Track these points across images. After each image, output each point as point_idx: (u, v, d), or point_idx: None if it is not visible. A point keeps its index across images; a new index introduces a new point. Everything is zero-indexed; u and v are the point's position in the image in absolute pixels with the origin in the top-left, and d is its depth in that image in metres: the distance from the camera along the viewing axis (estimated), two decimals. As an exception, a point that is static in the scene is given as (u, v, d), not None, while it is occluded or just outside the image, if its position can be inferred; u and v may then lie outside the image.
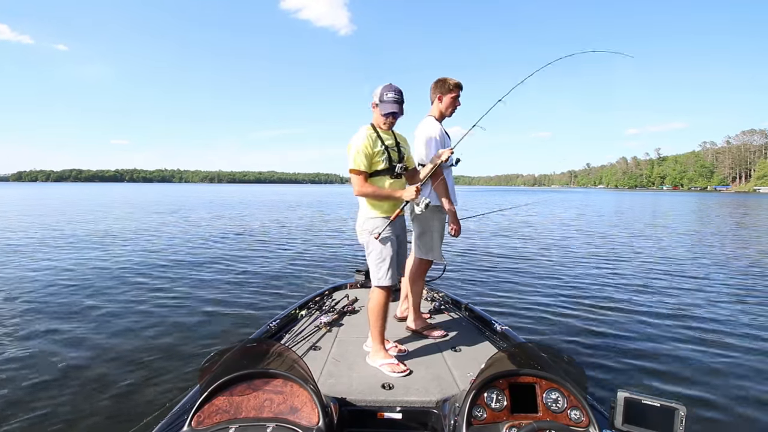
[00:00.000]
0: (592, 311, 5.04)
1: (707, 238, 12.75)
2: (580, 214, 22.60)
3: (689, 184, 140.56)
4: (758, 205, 36.15)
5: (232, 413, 1.42)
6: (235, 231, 13.04)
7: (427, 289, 3.83)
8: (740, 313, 5.02)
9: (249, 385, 1.48)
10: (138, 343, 3.88)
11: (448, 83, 2.76)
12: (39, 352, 3.64)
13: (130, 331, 4.20)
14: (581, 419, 1.45)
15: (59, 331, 4.13)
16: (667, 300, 5.59)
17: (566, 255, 9.24)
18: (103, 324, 4.37)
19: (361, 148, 2.27)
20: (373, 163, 2.32)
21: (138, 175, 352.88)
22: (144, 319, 4.54)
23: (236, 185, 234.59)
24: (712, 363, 3.63)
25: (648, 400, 1.32)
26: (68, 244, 9.68)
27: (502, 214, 18.77)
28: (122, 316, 4.62)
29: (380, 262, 2.35)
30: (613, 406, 1.36)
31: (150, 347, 3.79)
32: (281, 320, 2.93)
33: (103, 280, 6.32)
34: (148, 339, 3.99)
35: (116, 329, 4.23)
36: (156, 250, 9.07)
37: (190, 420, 1.38)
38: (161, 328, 4.29)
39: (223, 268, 7.29)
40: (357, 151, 2.27)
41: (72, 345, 3.81)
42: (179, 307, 5.03)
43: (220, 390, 1.45)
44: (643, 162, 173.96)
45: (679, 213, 24.58)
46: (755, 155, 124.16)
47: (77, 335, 4.04)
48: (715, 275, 7.25)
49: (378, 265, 2.35)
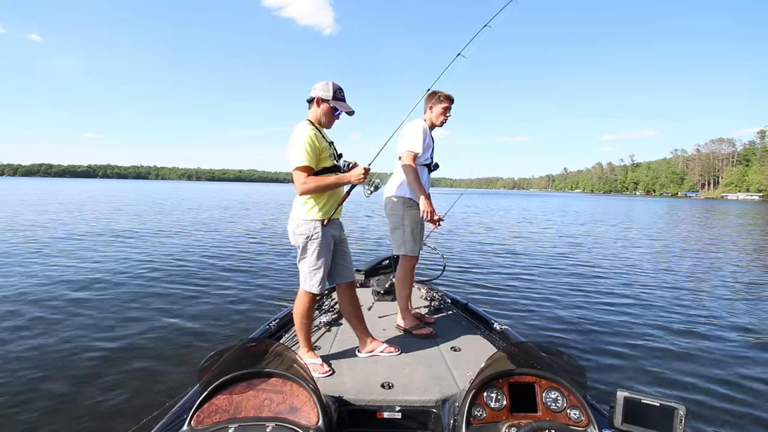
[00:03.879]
0: (592, 311, 5.13)
1: (705, 241, 13.16)
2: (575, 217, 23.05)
3: (661, 190, 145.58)
4: (727, 210, 37.66)
5: (231, 413, 1.40)
6: (232, 230, 12.80)
7: (426, 289, 3.85)
8: (740, 314, 5.16)
9: (248, 384, 1.47)
10: (137, 343, 3.81)
11: (439, 95, 2.83)
12: (39, 352, 3.56)
13: (129, 331, 4.11)
14: (581, 419, 1.46)
15: (58, 331, 4.02)
16: (667, 300, 5.75)
17: (566, 255, 9.43)
18: (103, 324, 4.27)
19: (309, 142, 2.12)
20: (320, 159, 2.19)
21: (112, 171, 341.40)
22: (143, 320, 4.44)
23: (217, 183, 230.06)
24: (712, 363, 3.71)
25: (647, 399, 1.33)
26: (67, 241, 9.30)
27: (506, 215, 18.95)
28: (121, 316, 4.52)
29: (314, 269, 2.25)
30: (612, 405, 1.38)
31: (149, 347, 3.73)
32: (281, 320, 2.90)
33: (101, 279, 6.14)
34: (147, 339, 3.92)
35: (115, 329, 4.14)
36: (155, 250, 8.83)
37: (190, 419, 1.37)
38: (160, 328, 4.22)
39: (223, 268, 7.18)
40: (305, 147, 2.11)
41: (71, 345, 3.73)
42: (178, 307, 4.94)
43: (219, 389, 1.44)
44: (618, 168, 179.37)
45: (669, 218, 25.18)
46: (723, 163, 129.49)
47: (77, 335, 3.95)
48: (714, 276, 7.50)
49: (311, 272, 2.25)
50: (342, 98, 2.29)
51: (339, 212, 2.39)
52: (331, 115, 2.30)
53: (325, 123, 2.31)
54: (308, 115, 2.32)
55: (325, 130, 2.36)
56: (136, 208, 20.58)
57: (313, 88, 2.29)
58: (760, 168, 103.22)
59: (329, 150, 2.26)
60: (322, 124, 2.31)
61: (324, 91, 2.25)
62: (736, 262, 9.30)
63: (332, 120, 2.32)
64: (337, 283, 2.46)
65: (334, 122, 2.34)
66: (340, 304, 2.53)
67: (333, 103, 2.25)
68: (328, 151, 2.25)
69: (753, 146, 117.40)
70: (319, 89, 2.27)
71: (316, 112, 2.29)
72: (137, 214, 17.18)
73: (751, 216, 29.72)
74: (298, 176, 2.14)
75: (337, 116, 2.32)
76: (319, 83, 2.29)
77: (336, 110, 2.28)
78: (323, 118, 2.29)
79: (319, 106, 2.27)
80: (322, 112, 2.27)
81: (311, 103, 2.30)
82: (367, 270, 4.16)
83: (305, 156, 2.12)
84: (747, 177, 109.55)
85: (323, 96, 2.25)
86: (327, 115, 2.28)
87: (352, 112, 2.32)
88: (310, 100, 2.30)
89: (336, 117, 2.32)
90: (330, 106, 2.26)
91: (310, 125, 2.22)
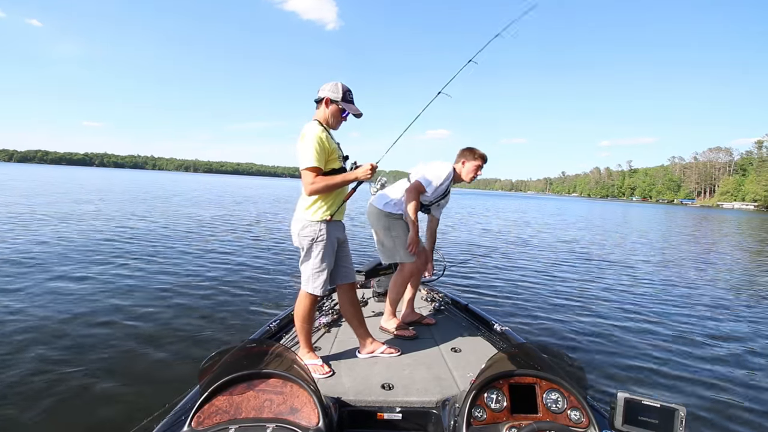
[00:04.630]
0: (592, 312, 5.16)
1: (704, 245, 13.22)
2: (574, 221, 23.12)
3: (657, 196, 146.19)
4: (722, 219, 37.91)
5: (231, 414, 1.40)
6: (233, 229, 12.71)
7: (427, 290, 3.86)
8: (740, 315, 5.21)
9: (249, 385, 1.46)
10: (137, 344, 3.77)
11: (475, 153, 2.84)
12: (38, 353, 3.50)
13: (129, 331, 4.06)
14: (581, 420, 1.47)
15: (57, 332, 3.96)
16: (667, 301, 5.79)
17: (565, 256, 9.49)
18: (102, 324, 4.21)
19: (320, 143, 2.12)
20: (329, 161, 2.18)
21: (109, 159, 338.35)
22: (143, 320, 4.39)
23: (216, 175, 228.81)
24: (712, 364, 3.73)
25: (648, 400, 1.34)
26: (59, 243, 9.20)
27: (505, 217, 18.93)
28: (120, 316, 4.46)
29: (317, 272, 2.24)
30: (612, 406, 1.38)
31: (149, 347, 3.70)
32: (281, 320, 2.90)
33: (100, 279, 6.04)
34: (147, 339, 3.89)
35: (115, 329, 4.09)
36: (154, 250, 8.73)
37: (190, 420, 1.37)
38: (160, 328, 4.18)
39: (222, 268, 7.12)
40: (315, 148, 2.10)
41: (71, 345, 3.68)
42: (178, 307, 4.89)
43: (219, 390, 1.43)
44: (615, 173, 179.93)
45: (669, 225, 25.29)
46: (720, 172, 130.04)
47: (76, 335, 3.90)
48: (714, 278, 7.57)
49: (314, 274, 2.25)
50: (351, 100, 2.28)
51: (342, 213, 2.39)
52: (339, 117, 2.28)
53: (332, 124, 2.30)
54: (316, 115, 2.29)
55: (332, 131, 2.35)
56: (135, 204, 20.45)
57: (321, 89, 2.27)
58: (756, 178, 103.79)
59: (338, 151, 2.25)
60: (330, 125, 2.29)
61: (333, 92, 2.24)
62: (734, 265, 9.37)
63: (340, 121, 2.31)
64: (337, 284, 2.46)
65: (341, 124, 2.33)
66: (341, 305, 2.52)
67: (342, 105, 2.24)
68: (337, 152, 2.24)
69: (750, 156, 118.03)
70: (329, 90, 2.25)
71: (324, 113, 2.27)
72: (133, 211, 17.06)
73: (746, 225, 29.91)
74: (307, 176, 2.13)
75: (344, 118, 2.31)
76: (328, 84, 2.27)
77: (344, 112, 2.27)
78: (331, 119, 2.27)
79: (327, 107, 2.25)
80: (330, 113, 2.26)
81: (319, 104, 2.28)
82: (367, 271, 4.15)
83: (315, 156, 2.10)
84: (743, 186, 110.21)
85: (332, 97, 2.23)
86: (335, 116, 2.27)
87: (360, 114, 2.31)
88: (319, 101, 2.28)
89: (344, 119, 2.31)
90: (339, 107, 2.25)
91: (320, 126, 2.20)
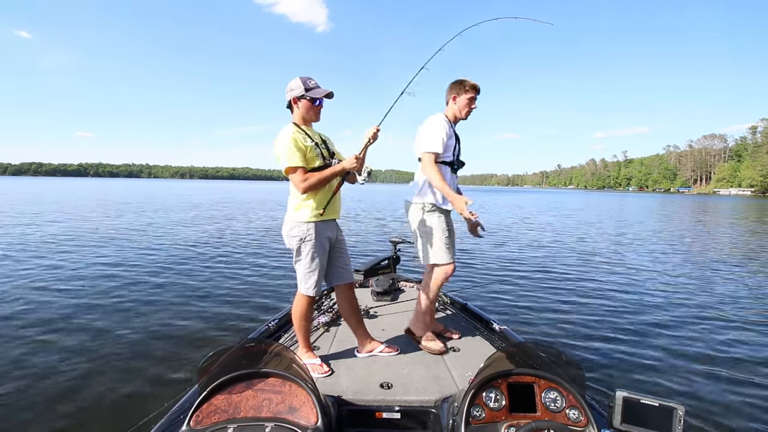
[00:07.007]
0: (590, 311, 5.12)
1: (703, 239, 13.21)
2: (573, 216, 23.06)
3: (653, 186, 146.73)
4: (718, 206, 38.01)
5: (230, 413, 1.40)
6: (232, 229, 12.71)
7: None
8: (740, 313, 5.16)
9: (247, 384, 1.46)
10: (136, 343, 3.79)
11: (465, 84, 2.55)
12: (38, 353, 3.53)
13: (128, 331, 4.08)
14: (580, 419, 1.46)
15: (56, 332, 3.99)
16: (667, 300, 5.75)
17: (564, 256, 9.41)
18: (101, 324, 4.23)
19: (295, 143, 2.11)
20: (307, 159, 2.16)
21: (104, 169, 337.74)
22: (142, 320, 4.41)
23: (211, 181, 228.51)
24: (711, 362, 3.71)
25: (646, 399, 1.33)
26: (64, 241, 9.17)
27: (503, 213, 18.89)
28: (120, 316, 4.48)
29: (308, 272, 2.24)
30: (611, 405, 1.37)
31: (148, 347, 3.72)
32: (279, 320, 2.90)
33: (99, 279, 6.09)
34: (146, 339, 3.90)
35: (113, 329, 4.11)
36: (153, 250, 8.76)
37: (189, 420, 1.37)
38: (160, 328, 4.19)
39: (222, 268, 7.13)
40: (291, 148, 2.10)
41: (70, 345, 3.70)
42: (177, 306, 4.91)
43: (218, 390, 1.44)
44: (611, 164, 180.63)
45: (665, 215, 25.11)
46: (715, 159, 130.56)
47: (75, 336, 3.92)
48: (714, 275, 7.51)
49: (306, 275, 2.24)
50: (315, 86, 2.23)
51: (337, 212, 2.37)
52: (313, 107, 2.24)
53: (311, 117, 2.27)
54: (293, 119, 2.28)
55: (316, 128, 2.33)
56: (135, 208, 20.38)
57: (286, 93, 2.25)
58: (751, 163, 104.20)
59: (315, 150, 2.21)
60: (310, 120, 2.28)
61: (295, 89, 2.22)
62: (734, 260, 9.35)
63: (317, 111, 2.27)
64: (335, 285, 2.44)
65: (320, 112, 2.29)
66: (339, 305, 2.51)
67: (309, 95, 2.21)
68: (314, 150, 2.20)
69: (744, 142, 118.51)
70: (291, 90, 2.23)
71: (298, 113, 2.25)
72: (132, 215, 17.02)
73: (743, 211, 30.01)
74: (296, 176, 2.12)
75: (319, 106, 2.26)
76: (289, 84, 2.25)
77: (315, 100, 2.23)
78: (306, 114, 2.25)
79: (297, 105, 2.24)
80: (303, 110, 2.23)
81: (291, 107, 2.27)
82: (366, 270, 4.14)
83: (295, 156, 2.11)
84: (739, 172, 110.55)
85: (297, 94, 2.21)
86: (308, 109, 2.24)
87: (331, 93, 2.25)
88: (289, 105, 2.27)
89: (319, 107, 2.27)
90: (308, 99, 2.22)
91: (293, 126, 2.20)
